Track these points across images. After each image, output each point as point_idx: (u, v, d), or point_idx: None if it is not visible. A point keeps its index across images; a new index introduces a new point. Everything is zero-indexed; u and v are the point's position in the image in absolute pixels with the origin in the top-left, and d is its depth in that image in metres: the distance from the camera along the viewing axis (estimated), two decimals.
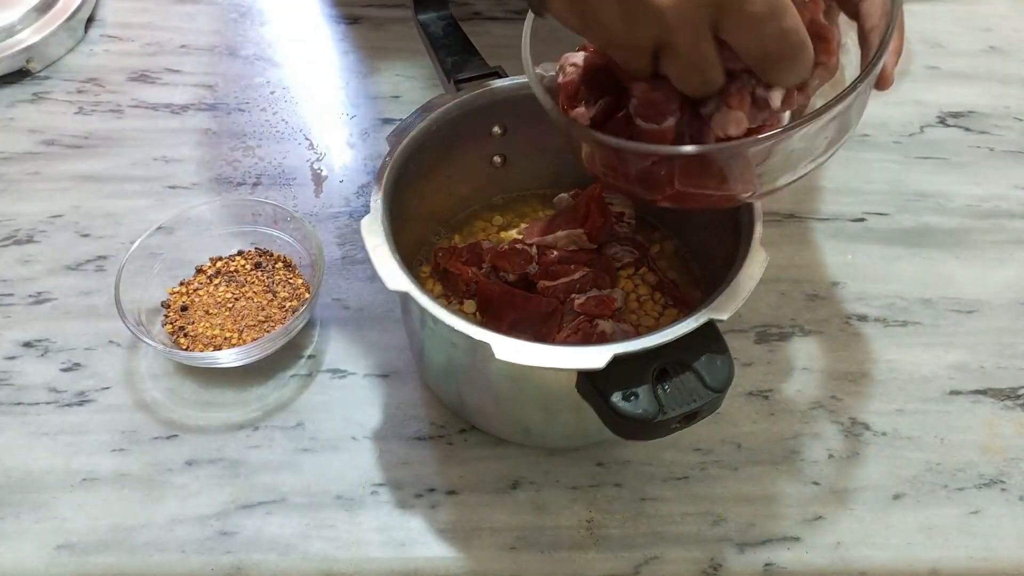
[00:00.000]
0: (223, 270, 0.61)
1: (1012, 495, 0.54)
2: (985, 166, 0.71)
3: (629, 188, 0.44)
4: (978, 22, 0.83)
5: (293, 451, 0.55)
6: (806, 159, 0.43)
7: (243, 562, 0.50)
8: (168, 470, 0.54)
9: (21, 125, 0.73)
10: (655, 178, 0.42)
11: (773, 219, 0.67)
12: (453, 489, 0.53)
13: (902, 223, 0.67)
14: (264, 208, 0.62)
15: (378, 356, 0.59)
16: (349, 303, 0.62)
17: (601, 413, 0.43)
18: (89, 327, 0.60)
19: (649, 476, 0.54)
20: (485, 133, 0.58)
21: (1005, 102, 0.76)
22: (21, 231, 0.66)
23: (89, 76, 0.77)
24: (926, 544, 0.52)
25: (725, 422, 0.56)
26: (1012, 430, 0.56)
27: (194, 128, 0.73)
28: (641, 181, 0.43)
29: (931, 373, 0.59)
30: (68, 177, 0.69)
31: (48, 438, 0.55)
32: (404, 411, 0.56)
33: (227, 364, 0.56)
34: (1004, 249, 0.66)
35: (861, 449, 0.55)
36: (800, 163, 0.43)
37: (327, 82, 0.77)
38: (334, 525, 0.52)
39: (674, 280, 0.59)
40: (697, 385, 0.42)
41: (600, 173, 0.45)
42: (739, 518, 0.52)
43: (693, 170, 0.41)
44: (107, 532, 0.51)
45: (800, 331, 0.61)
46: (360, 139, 0.73)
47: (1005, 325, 0.62)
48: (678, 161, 0.41)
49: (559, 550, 0.51)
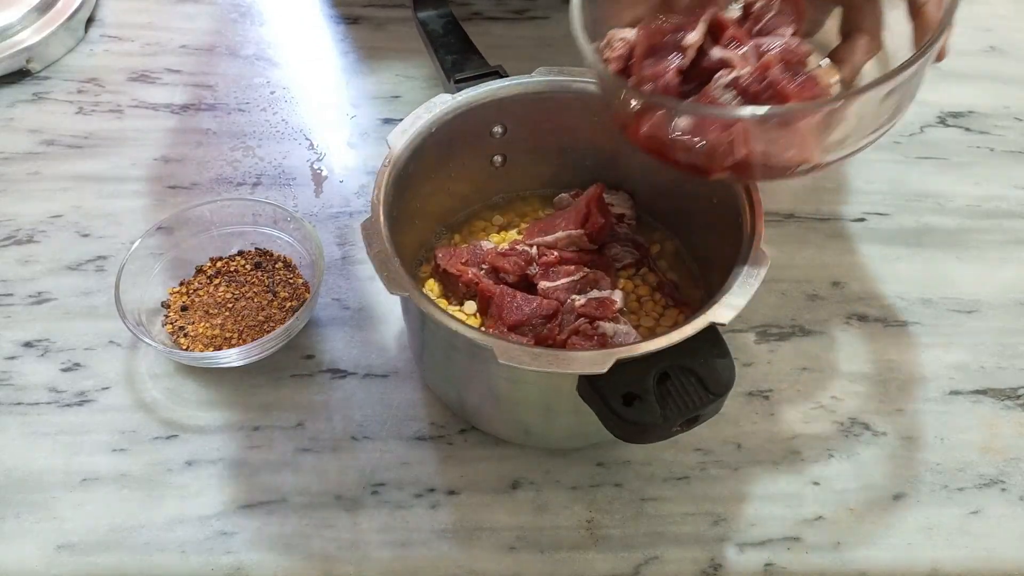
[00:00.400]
0: (223, 270, 0.61)
1: (1012, 495, 0.54)
2: (985, 166, 0.71)
3: (689, 161, 0.44)
4: (978, 22, 0.82)
5: (293, 451, 0.55)
6: (869, 130, 0.43)
7: (243, 562, 0.50)
8: (168, 470, 0.54)
9: (21, 125, 0.73)
10: (718, 148, 0.42)
11: (773, 219, 0.67)
12: (453, 489, 0.53)
13: (902, 223, 0.67)
14: (264, 208, 0.62)
15: (378, 356, 0.59)
16: (349, 303, 0.62)
17: (602, 417, 0.43)
18: (89, 327, 0.60)
19: (649, 476, 0.54)
20: (485, 133, 0.58)
21: (1005, 102, 0.76)
22: (21, 231, 0.66)
23: (89, 76, 0.77)
24: (926, 544, 0.52)
25: (725, 422, 0.56)
26: (1012, 430, 0.56)
27: (194, 128, 0.73)
28: (704, 153, 0.43)
29: (931, 373, 0.59)
30: (68, 177, 0.69)
31: (48, 438, 0.55)
32: (404, 411, 0.56)
33: (227, 364, 0.56)
34: (1004, 249, 0.66)
35: (861, 449, 0.55)
36: (863, 133, 0.43)
37: (327, 82, 0.77)
38: (334, 525, 0.52)
39: (674, 281, 0.58)
40: (698, 389, 0.42)
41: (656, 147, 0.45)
42: (739, 518, 0.52)
43: (761, 137, 0.42)
44: (107, 532, 0.51)
45: (800, 331, 0.61)
46: (360, 139, 0.73)
47: (1005, 325, 0.62)
48: (749, 127, 0.41)
49: (559, 550, 0.51)
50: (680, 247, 0.61)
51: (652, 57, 0.45)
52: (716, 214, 0.53)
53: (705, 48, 0.45)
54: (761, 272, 0.46)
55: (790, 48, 0.44)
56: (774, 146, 0.42)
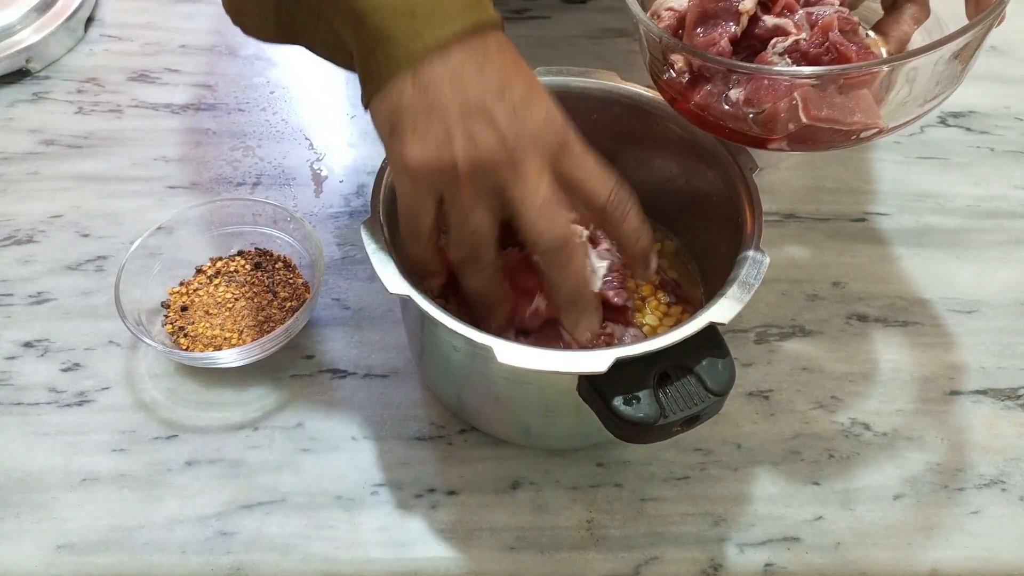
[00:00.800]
0: (223, 270, 0.61)
1: (1012, 495, 0.54)
2: (985, 166, 0.71)
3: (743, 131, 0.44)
4: None
5: (293, 451, 0.55)
6: (931, 95, 0.43)
7: (243, 562, 0.50)
8: (168, 470, 0.54)
9: (21, 125, 0.73)
10: (777, 116, 0.42)
11: (773, 219, 0.67)
12: (453, 489, 0.53)
13: (902, 223, 0.67)
14: (264, 208, 0.62)
15: (378, 356, 0.59)
16: (349, 303, 0.62)
17: (602, 417, 0.43)
18: (89, 327, 0.60)
19: (649, 476, 0.54)
20: None
21: (1005, 102, 0.76)
22: (21, 231, 0.66)
23: (89, 76, 0.77)
24: (926, 544, 0.52)
25: (725, 422, 0.56)
26: (1012, 430, 0.56)
27: (194, 128, 0.73)
28: (762, 121, 0.43)
29: (931, 373, 0.59)
30: (68, 177, 0.69)
31: (48, 438, 0.55)
32: (404, 411, 0.56)
33: (227, 364, 0.56)
34: (1004, 249, 0.66)
35: (861, 449, 0.55)
36: (924, 99, 0.43)
37: (327, 82, 0.77)
38: (334, 525, 0.52)
39: (675, 280, 0.58)
40: (698, 388, 0.42)
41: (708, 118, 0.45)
42: (739, 518, 0.52)
43: (824, 102, 0.41)
44: (107, 532, 0.51)
45: (800, 331, 0.61)
46: (360, 139, 0.73)
47: (1005, 325, 0.62)
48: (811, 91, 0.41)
49: (559, 550, 0.51)
50: (680, 246, 0.61)
51: (703, 26, 0.44)
52: (716, 214, 0.53)
53: (758, 15, 0.45)
54: (761, 272, 0.46)
55: (843, 16, 0.44)
56: (838, 111, 0.41)
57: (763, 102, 0.42)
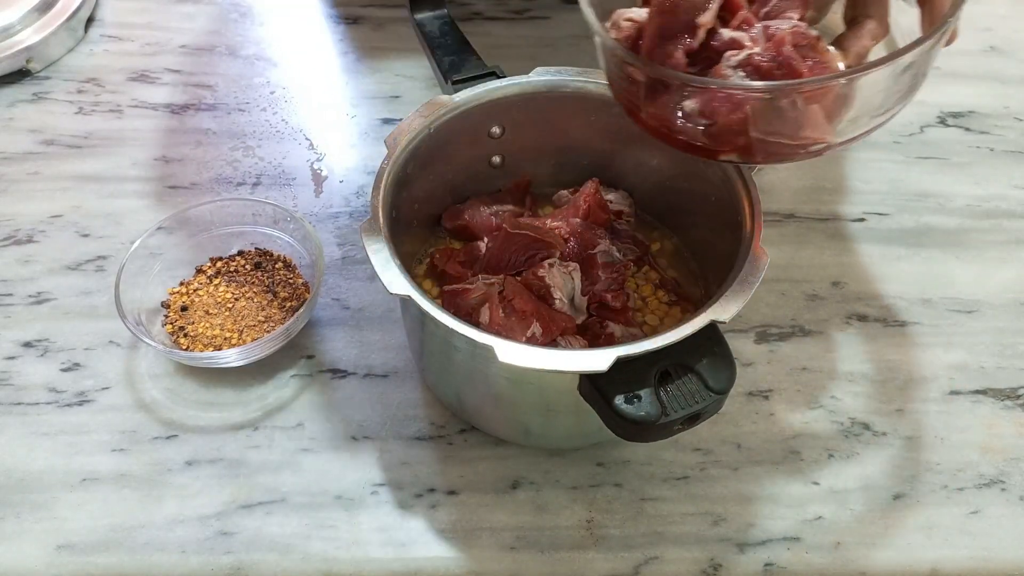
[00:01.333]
0: (223, 270, 0.61)
1: (1012, 495, 0.54)
2: (985, 166, 0.71)
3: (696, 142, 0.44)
4: (978, 22, 0.82)
5: (293, 451, 0.55)
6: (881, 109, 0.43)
7: (243, 562, 0.50)
8: (168, 470, 0.54)
9: (21, 125, 0.73)
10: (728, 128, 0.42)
11: (773, 219, 0.67)
12: (453, 489, 0.53)
13: (902, 223, 0.67)
14: (264, 208, 0.62)
15: (378, 356, 0.59)
16: (349, 303, 0.62)
17: (603, 415, 0.43)
18: (89, 327, 0.60)
19: (649, 476, 0.54)
20: (484, 133, 0.58)
21: (1005, 102, 0.76)
22: (21, 231, 0.66)
23: (89, 76, 0.77)
24: (926, 544, 0.52)
25: (725, 422, 0.56)
26: (1012, 430, 0.56)
27: (194, 128, 0.73)
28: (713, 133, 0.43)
29: (931, 373, 0.59)
30: (68, 177, 0.69)
31: (48, 438, 0.55)
32: (404, 411, 0.56)
33: (227, 364, 0.56)
34: (1004, 249, 0.66)
35: (861, 449, 0.55)
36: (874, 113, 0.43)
37: (327, 82, 0.77)
38: (334, 525, 0.52)
39: (675, 278, 0.59)
40: (699, 387, 0.42)
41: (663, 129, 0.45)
42: (739, 518, 0.52)
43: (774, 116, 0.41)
44: (107, 532, 0.51)
45: (800, 331, 0.61)
46: (360, 139, 0.73)
47: (1005, 325, 0.62)
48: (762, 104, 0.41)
49: (559, 550, 0.51)
50: (680, 245, 0.61)
51: (661, 38, 0.44)
52: (715, 213, 0.53)
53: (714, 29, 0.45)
54: (761, 271, 0.46)
55: (800, 31, 0.44)
56: (787, 125, 0.42)
57: (715, 115, 0.42)
